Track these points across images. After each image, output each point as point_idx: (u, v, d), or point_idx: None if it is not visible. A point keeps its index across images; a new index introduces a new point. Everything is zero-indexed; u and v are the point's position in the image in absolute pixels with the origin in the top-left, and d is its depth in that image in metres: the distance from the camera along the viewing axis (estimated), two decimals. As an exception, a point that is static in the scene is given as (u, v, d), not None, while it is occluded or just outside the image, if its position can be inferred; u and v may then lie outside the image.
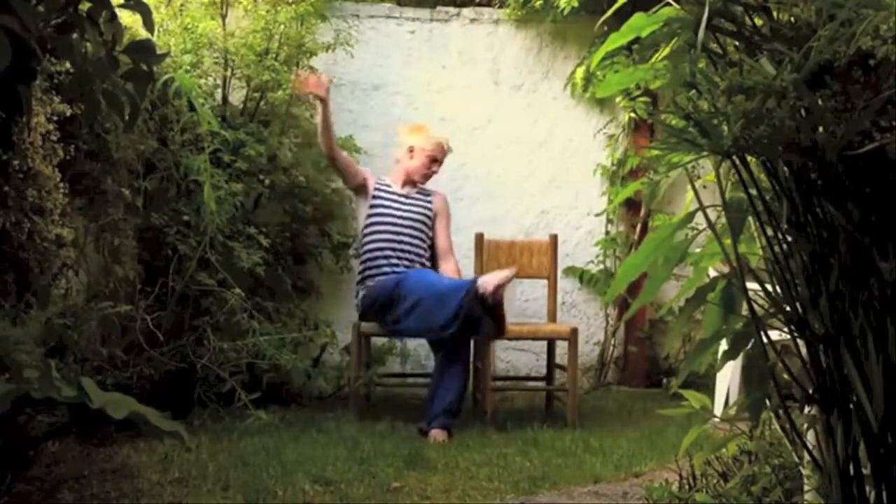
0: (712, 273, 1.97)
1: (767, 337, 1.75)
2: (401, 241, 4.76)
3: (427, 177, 4.92)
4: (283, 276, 5.08)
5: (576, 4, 5.39)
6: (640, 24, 1.77)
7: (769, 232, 1.69)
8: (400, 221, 4.78)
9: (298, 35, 5.19)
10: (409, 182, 4.90)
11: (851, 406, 1.61)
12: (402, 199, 4.86)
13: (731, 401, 4.28)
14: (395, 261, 4.71)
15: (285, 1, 5.06)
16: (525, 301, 5.72)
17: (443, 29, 5.79)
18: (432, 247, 4.89)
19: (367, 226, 4.82)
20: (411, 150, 4.91)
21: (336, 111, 5.54)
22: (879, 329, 1.57)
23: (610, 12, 2.17)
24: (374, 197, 4.85)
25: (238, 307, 4.41)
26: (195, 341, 4.33)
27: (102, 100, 2.17)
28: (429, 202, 4.91)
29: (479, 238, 5.06)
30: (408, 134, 4.99)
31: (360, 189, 4.92)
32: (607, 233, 5.86)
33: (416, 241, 4.79)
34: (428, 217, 4.87)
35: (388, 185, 4.91)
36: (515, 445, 4.03)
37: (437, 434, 4.18)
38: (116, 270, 3.89)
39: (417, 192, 4.91)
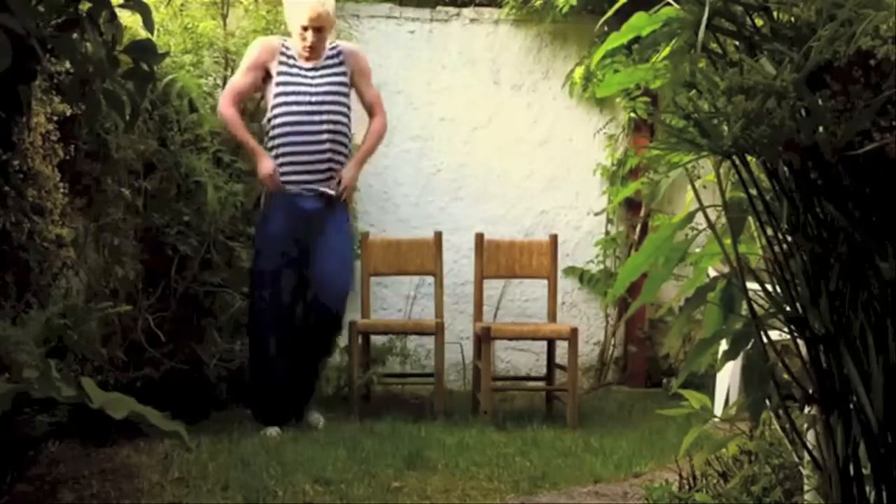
0: (712, 273, 1.97)
1: (767, 337, 1.75)
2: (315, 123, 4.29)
3: (312, 50, 4.32)
4: (283, 276, 5.08)
5: (574, 3, 5.40)
6: (640, 24, 1.77)
7: (769, 232, 1.69)
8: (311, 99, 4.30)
9: (299, 35, 5.19)
10: (306, 58, 4.34)
11: (851, 406, 1.61)
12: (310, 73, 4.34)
13: (731, 401, 4.27)
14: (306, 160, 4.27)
15: (286, 1, 5.06)
16: (525, 301, 5.72)
17: (443, 29, 5.79)
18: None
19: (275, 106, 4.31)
20: (288, 23, 4.37)
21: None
22: (879, 329, 1.57)
23: (610, 12, 2.17)
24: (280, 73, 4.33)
25: (239, 307, 4.42)
26: (196, 341, 4.34)
27: (103, 100, 2.17)
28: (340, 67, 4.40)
29: (479, 238, 5.06)
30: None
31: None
32: (607, 233, 5.86)
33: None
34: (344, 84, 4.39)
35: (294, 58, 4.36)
36: (515, 445, 4.03)
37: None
38: (116, 270, 3.89)
39: (325, 60, 4.37)
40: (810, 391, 1.69)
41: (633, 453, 3.91)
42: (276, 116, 4.31)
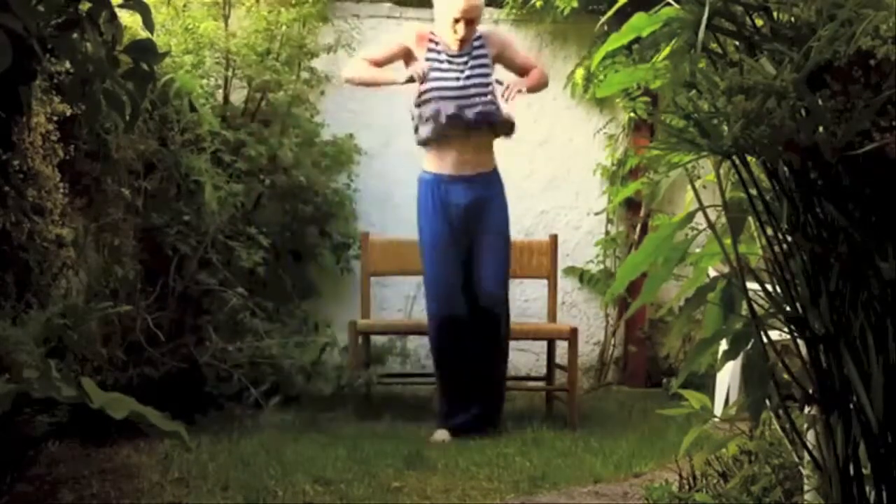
0: (712, 273, 1.97)
1: (767, 337, 1.75)
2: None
3: (463, 42, 4.31)
4: (283, 276, 5.09)
5: (575, 5, 5.40)
6: (640, 24, 1.77)
7: (769, 232, 1.69)
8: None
9: (300, 36, 5.21)
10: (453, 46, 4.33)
11: (851, 406, 1.61)
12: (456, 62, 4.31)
13: (731, 401, 4.27)
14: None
15: (288, 3, 5.08)
16: (525, 301, 5.72)
17: (443, 29, 5.78)
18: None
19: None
20: (440, 16, 4.37)
21: (336, 111, 5.56)
22: (879, 329, 1.57)
23: (610, 13, 2.17)
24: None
25: (240, 307, 4.42)
26: (196, 341, 4.34)
27: (103, 100, 2.17)
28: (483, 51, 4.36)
29: (480, 238, 5.04)
30: None
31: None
32: (607, 233, 5.86)
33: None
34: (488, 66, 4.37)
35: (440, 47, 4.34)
36: (515, 445, 4.03)
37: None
38: (116, 270, 3.89)
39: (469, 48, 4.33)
40: (810, 391, 1.69)
41: (633, 453, 3.91)
42: (424, 103, 4.32)
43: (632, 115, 5.68)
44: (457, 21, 4.26)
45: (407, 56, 4.39)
